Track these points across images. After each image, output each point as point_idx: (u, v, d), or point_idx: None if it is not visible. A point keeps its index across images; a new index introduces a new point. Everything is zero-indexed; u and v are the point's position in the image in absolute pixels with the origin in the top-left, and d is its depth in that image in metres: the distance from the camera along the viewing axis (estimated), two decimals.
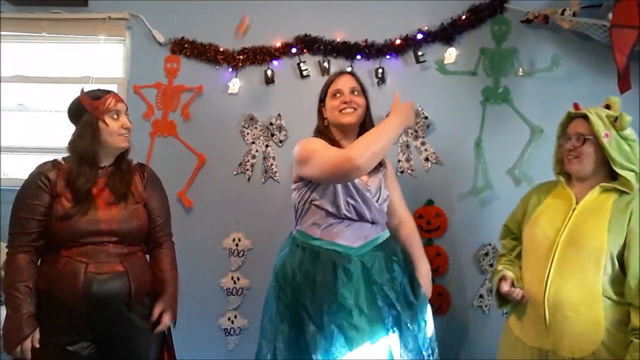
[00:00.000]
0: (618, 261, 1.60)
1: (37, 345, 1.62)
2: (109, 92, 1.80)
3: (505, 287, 1.75)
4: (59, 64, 2.93)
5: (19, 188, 1.75)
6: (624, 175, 1.64)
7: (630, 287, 1.57)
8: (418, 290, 1.92)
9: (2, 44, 2.81)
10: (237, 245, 2.72)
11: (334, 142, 1.93)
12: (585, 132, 1.68)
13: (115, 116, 1.78)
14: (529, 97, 2.54)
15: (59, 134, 2.89)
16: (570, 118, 1.78)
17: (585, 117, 1.70)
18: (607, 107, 1.71)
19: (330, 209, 1.87)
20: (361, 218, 1.87)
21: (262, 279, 2.67)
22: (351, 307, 1.76)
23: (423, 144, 2.61)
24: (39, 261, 1.74)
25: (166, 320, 1.83)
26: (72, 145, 1.76)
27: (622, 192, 1.66)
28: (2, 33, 2.78)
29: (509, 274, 1.80)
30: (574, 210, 1.70)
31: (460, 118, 2.60)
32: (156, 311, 1.81)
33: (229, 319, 2.74)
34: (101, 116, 1.75)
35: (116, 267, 1.72)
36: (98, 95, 1.77)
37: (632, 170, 1.65)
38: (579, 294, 1.61)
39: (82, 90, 1.81)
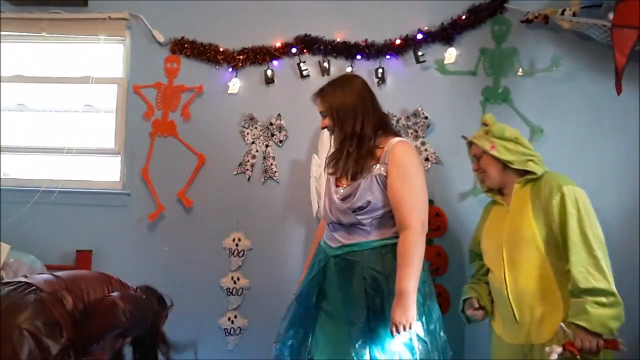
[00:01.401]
0: (551, 239, 1.76)
1: None
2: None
3: (469, 311, 1.96)
4: (59, 64, 2.93)
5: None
6: (526, 168, 1.85)
7: (563, 256, 1.72)
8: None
9: (2, 44, 2.81)
10: (237, 245, 2.72)
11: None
12: (476, 153, 1.95)
13: None
14: (529, 97, 2.54)
15: (59, 134, 2.90)
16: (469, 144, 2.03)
17: (471, 143, 1.99)
18: (485, 124, 1.96)
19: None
20: (326, 219, 1.96)
21: (262, 279, 2.69)
22: (311, 302, 1.89)
23: (423, 144, 2.61)
24: None
25: None
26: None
27: (534, 181, 1.85)
28: (2, 33, 2.78)
29: (474, 296, 1.98)
30: (507, 213, 1.89)
31: (460, 118, 2.60)
32: None
33: (229, 319, 2.73)
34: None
35: None
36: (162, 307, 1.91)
37: (530, 160, 1.85)
38: (533, 281, 1.76)
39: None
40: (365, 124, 1.86)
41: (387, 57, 2.61)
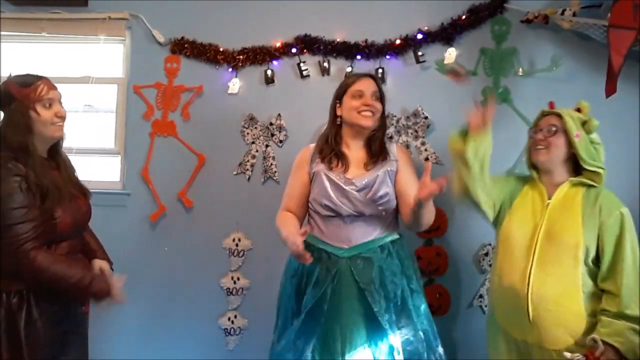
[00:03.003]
0: (591, 252, 1.71)
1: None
2: (40, 77, 1.70)
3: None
4: (59, 64, 2.93)
5: None
6: (595, 170, 1.79)
7: (604, 274, 1.71)
8: (416, 296, 1.92)
9: (2, 44, 2.81)
10: (237, 245, 2.72)
11: (337, 146, 1.99)
12: (556, 125, 1.83)
13: (47, 105, 1.67)
14: (529, 97, 2.54)
15: None
16: (542, 115, 1.92)
17: (557, 115, 1.85)
18: (578, 110, 1.87)
19: (316, 206, 1.96)
20: (339, 214, 1.89)
21: (262, 279, 2.69)
22: (322, 309, 1.83)
23: (423, 144, 2.61)
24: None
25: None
26: (3, 136, 1.62)
27: (588, 186, 1.80)
28: (2, 33, 2.78)
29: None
30: (547, 205, 1.81)
31: (460, 118, 2.58)
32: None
33: (229, 319, 2.74)
34: (32, 105, 1.63)
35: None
36: (28, 82, 1.66)
37: (600, 168, 1.80)
38: (560, 287, 1.71)
39: (10, 75, 1.70)
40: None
41: (387, 57, 2.61)
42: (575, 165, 1.84)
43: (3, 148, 1.61)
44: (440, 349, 1.92)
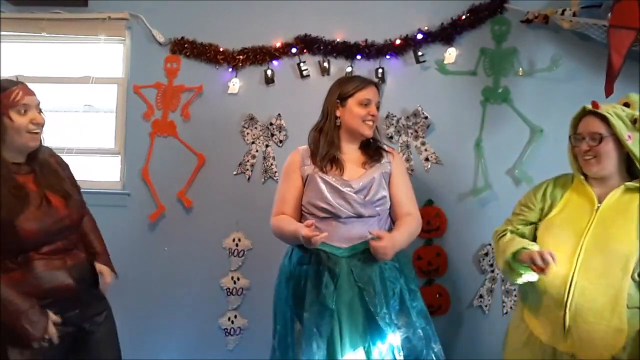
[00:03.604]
0: None
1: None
2: (17, 83, 1.61)
3: (546, 256, 1.56)
4: (59, 64, 2.93)
5: None
6: None
7: None
8: (413, 295, 1.93)
9: (2, 44, 2.81)
10: (237, 245, 2.72)
11: (332, 144, 1.97)
12: (603, 132, 1.62)
13: (22, 111, 1.58)
14: (529, 97, 2.54)
15: (59, 134, 2.90)
16: (582, 113, 1.71)
17: (598, 115, 1.64)
18: (626, 104, 1.68)
19: (311, 209, 1.94)
20: (337, 216, 1.89)
21: (262, 279, 2.69)
22: (329, 309, 1.82)
23: (423, 144, 2.61)
24: None
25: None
26: None
27: None
28: (2, 33, 2.78)
29: (537, 248, 1.64)
30: (596, 210, 1.64)
31: (460, 118, 2.60)
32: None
33: (229, 319, 2.74)
34: (6, 111, 1.55)
35: None
36: (3, 87, 1.57)
37: None
38: (605, 299, 1.56)
39: None
40: None
41: (387, 57, 2.61)
42: (627, 165, 1.66)
43: None
44: (439, 347, 1.92)
